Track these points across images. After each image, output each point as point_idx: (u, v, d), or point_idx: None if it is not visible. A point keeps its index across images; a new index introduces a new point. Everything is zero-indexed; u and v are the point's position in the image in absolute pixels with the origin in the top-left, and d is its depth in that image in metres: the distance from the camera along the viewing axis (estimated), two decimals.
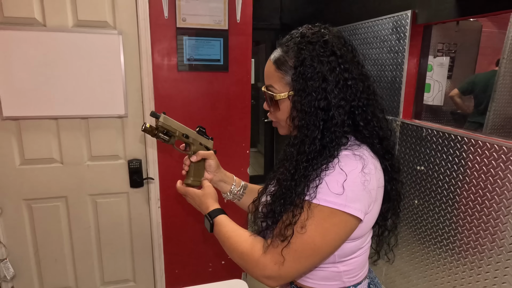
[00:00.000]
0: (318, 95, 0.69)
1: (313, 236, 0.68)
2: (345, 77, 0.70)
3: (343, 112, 0.70)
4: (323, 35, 0.72)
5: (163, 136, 0.92)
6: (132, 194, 1.85)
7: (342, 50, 0.71)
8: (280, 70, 0.75)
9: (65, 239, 1.82)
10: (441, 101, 3.39)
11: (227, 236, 0.81)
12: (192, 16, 1.73)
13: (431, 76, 3.36)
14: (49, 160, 1.71)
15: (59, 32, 1.59)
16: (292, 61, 0.72)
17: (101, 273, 1.92)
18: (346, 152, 0.70)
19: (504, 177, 1.32)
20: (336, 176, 0.67)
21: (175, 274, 2.02)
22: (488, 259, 1.41)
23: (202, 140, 0.98)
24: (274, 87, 0.76)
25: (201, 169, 0.98)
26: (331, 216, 0.67)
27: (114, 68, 1.68)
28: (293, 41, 0.74)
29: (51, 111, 1.65)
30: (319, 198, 0.67)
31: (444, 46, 3.49)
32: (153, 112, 0.89)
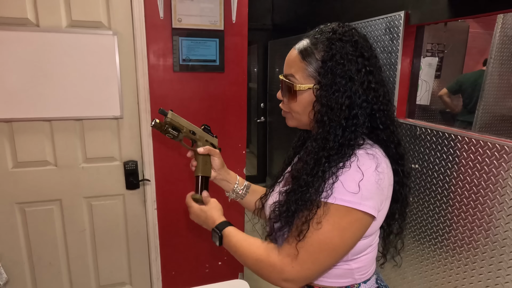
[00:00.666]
0: (345, 93, 0.70)
1: (331, 235, 0.68)
2: (369, 79, 0.71)
3: (365, 113, 0.72)
4: (353, 35, 0.73)
5: (172, 132, 0.93)
6: (128, 196, 1.83)
7: (369, 53, 0.73)
8: (304, 60, 0.74)
9: (59, 242, 1.79)
10: (427, 100, 3.45)
11: (238, 245, 0.80)
12: (187, 16, 1.72)
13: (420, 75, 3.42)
14: (42, 162, 1.68)
15: (53, 33, 1.56)
16: (321, 54, 0.72)
17: (97, 276, 1.90)
18: (360, 151, 0.72)
19: (498, 174, 1.35)
20: (352, 174, 0.68)
21: (171, 276, 2.01)
22: (482, 254, 1.44)
23: (208, 137, 1.00)
24: (295, 77, 0.76)
25: (208, 164, 0.99)
26: (348, 215, 0.68)
27: (109, 69, 1.66)
28: (324, 35, 0.74)
29: (45, 113, 1.62)
30: (336, 197, 0.68)
31: (432, 46, 3.55)
32: (161, 109, 0.92)
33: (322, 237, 0.68)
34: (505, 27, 2.78)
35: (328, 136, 0.71)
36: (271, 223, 0.80)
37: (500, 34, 2.81)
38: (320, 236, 0.68)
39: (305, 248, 0.69)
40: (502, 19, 2.75)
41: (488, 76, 2.88)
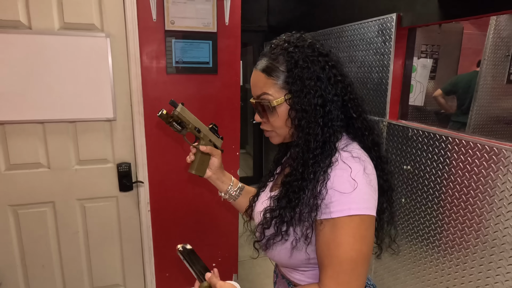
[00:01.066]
0: (316, 93, 0.72)
1: (358, 247, 0.67)
2: (334, 73, 0.74)
3: (337, 106, 0.74)
4: (305, 39, 0.76)
5: (176, 126, 0.93)
6: (121, 198, 1.83)
7: (325, 50, 0.76)
8: (271, 76, 0.76)
9: (52, 244, 1.79)
10: (422, 101, 3.47)
11: None
12: (180, 19, 1.73)
13: (414, 77, 3.44)
14: (35, 165, 1.68)
15: (45, 35, 1.56)
16: (284, 66, 0.74)
17: (90, 278, 1.90)
18: (345, 154, 0.73)
19: (487, 175, 1.36)
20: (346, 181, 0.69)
21: (165, 278, 2.01)
22: (473, 254, 1.45)
23: (212, 137, 0.99)
24: (269, 94, 0.76)
25: (206, 163, 0.98)
26: (362, 222, 0.68)
27: (102, 71, 1.66)
28: (279, 47, 0.76)
29: (38, 115, 1.62)
30: (342, 208, 0.68)
31: (427, 47, 3.57)
32: (173, 100, 0.91)
33: (350, 253, 0.67)
34: (498, 29, 2.81)
35: (309, 137, 0.72)
36: (261, 228, 0.80)
37: (493, 36, 2.83)
38: (348, 253, 0.67)
39: (343, 272, 0.67)
40: (495, 21, 2.77)
41: (482, 77, 2.90)
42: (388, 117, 1.92)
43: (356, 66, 2.15)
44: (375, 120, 2.01)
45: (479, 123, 2.99)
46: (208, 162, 0.99)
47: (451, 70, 3.72)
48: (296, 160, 0.74)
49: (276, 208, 0.76)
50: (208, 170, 1.00)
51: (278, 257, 0.81)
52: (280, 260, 0.82)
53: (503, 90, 2.98)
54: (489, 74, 2.92)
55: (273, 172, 0.95)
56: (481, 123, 2.99)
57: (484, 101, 2.97)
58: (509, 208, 1.28)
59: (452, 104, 3.55)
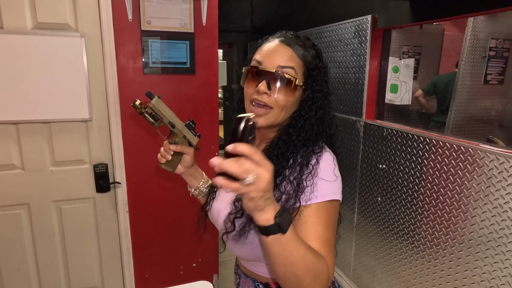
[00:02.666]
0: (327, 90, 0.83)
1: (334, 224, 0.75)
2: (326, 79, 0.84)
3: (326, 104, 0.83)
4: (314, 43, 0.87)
5: (148, 117, 0.92)
6: (98, 199, 1.82)
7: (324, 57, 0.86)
8: (301, 59, 0.80)
9: (28, 247, 1.76)
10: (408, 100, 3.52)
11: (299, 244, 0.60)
12: (157, 19, 1.72)
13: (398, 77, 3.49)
14: (9, 166, 1.66)
15: (18, 35, 1.54)
16: (313, 58, 0.82)
17: (68, 281, 1.88)
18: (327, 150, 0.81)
19: (455, 173, 1.40)
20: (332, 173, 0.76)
21: (145, 279, 2.00)
22: (443, 251, 1.49)
23: (187, 133, 0.96)
24: (295, 71, 0.78)
25: (177, 159, 0.97)
26: (337, 204, 0.76)
27: (77, 71, 1.64)
28: (310, 41, 0.84)
29: (11, 116, 1.60)
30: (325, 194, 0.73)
31: (409, 48, 3.63)
32: (149, 92, 0.90)
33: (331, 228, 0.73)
34: (476, 30, 2.87)
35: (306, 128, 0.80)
36: (232, 219, 0.79)
37: (470, 37, 2.90)
38: (330, 228, 0.73)
39: (325, 246, 0.69)
40: (473, 22, 2.84)
41: (460, 78, 2.97)
42: (365, 117, 1.95)
43: (334, 66, 2.18)
44: (351, 120, 2.04)
45: (458, 122, 3.05)
46: (180, 158, 0.98)
47: (432, 70, 3.78)
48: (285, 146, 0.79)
49: None
50: (180, 166, 0.99)
51: (250, 248, 0.80)
52: (251, 251, 0.81)
53: (480, 90, 3.05)
54: (467, 74, 2.99)
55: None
56: (460, 123, 3.06)
57: (462, 101, 3.04)
58: (484, 209, 1.31)
59: (433, 104, 3.62)
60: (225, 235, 0.82)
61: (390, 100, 3.43)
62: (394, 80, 3.51)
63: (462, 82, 2.91)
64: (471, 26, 2.81)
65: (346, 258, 2.21)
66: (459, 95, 2.93)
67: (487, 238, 1.29)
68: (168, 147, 0.93)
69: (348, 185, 2.15)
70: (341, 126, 2.18)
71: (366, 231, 1.99)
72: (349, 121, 2.08)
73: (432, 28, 3.62)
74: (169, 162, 0.96)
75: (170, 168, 0.97)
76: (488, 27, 2.87)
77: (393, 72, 3.55)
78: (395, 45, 3.54)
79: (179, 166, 0.98)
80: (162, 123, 0.93)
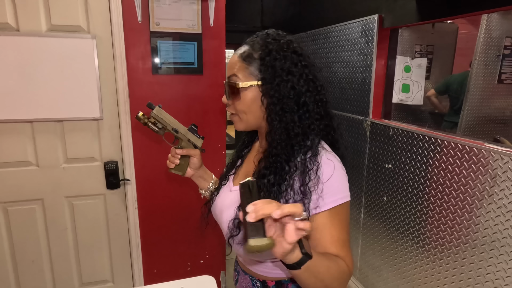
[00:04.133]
0: (288, 83, 0.76)
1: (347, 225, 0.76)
2: (306, 72, 0.78)
3: (311, 100, 0.78)
4: (285, 36, 0.81)
5: (152, 126, 0.98)
6: (108, 195, 1.88)
7: (301, 51, 0.79)
8: (244, 61, 0.79)
9: (42, 241, 1.84)
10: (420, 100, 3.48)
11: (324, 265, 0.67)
12: (165, 20, 1.77)
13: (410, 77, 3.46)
14: (24, 163, 1.73)
15: (33, 37, 1.61)
16: (258, 53, 0.78)
17: (79, 274, 1.94)
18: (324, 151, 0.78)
19: (460, 173, 1.39)
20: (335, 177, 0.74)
21: (153, 274, 2.05)
22: (447, 251, 1.48)
23: (191, 137, 1.01)
24: (237, 76, 0.80)
25: (185, 163, 1.01)
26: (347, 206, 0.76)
27: (89, 72, 1.70)
28: (259, 37, 0.81)
29: (26, 115, 1.67)
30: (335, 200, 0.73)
31: (421, 47, 3.58)
32: (150, 103, 0.96)
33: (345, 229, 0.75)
34: (490, 28, 2.82)
35: (288, 126, 0.76)
36: (235, 223, 0.82)
37: (484, 36, 2.85)
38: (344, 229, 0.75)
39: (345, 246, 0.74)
40: (486, 21, 2.79)
41: (473, 77, 2.92)
42: (371, 116, 1.95)
43: (342, 66, 2.18)
44: (358, 119, 2.04)
45: (471, 122, 3.00)
46: (188, 161, 1.02)
47: (445, 70, 3.73)
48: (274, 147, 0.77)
49: None
50: (189, 169, 1.03)
51: None
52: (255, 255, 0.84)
53: (494, 90, 2.99)
54: (480, 74, 2.93)
55: (235, 165, 0.98)
56: (473, 123, 3.00)
57: (475, 101, 2.99)
58: (488, 209, 1.30)
59: (445, 104, 3.57)
60: (230, 238, 0.84)
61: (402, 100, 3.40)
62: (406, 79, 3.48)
63: (475, 82, 2.86)
64: (485, 24, 2.76)
65: (353, 257, 2.21)
66: (472, 95, 2.89)
67: (491, 238, 1.28)
68: (175, 152, 0.98)
69: (354, 185, 2.15)
70: (348, 126, 2.18)
71: (372, 230, 1.99)
72: (356, 121, 2.08)
73: (445, 27, 3.56)
74: (178, 166, 1.00)
75: (179, 172, 1.02)
76: (503, 25, 2.81)
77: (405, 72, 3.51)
78: (407, 44, 3.50)
79: (188, 169, 1.03)
80: (166, 130, 0.98)
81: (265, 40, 0.79)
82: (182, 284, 1.26)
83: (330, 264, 0.67)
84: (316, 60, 2.47)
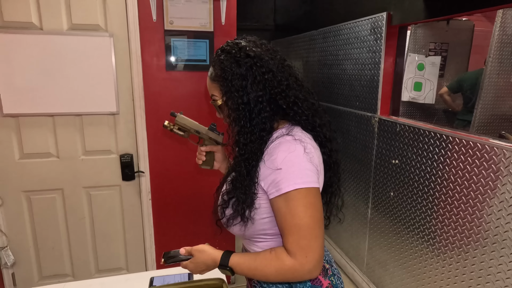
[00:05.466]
0: (239, 92, 0.82)
1: (310, 213, 0.77)
2: (262, 71, 0.82)
3: (263, 100, 0.83)
4: (238, 43, 0.86)
5: (177, 132, 1.11)
6: (124, 187, 1.97)
7: (256, 51, 0.83)
8: (214, 81, 0.88)
9: (61, 228, 1.94)
10: (432, 99, 3.45)
11: (252, 269, 0.83)
12: (179, 19, 1.84)
13: (423, 75, 3.44)
14: (46, 154, 1.83)
15: (55, 35, 1.71)
16: (216, 72, 0.87)
17: (96, 261, 2.05)
18: (288, 137, 0.82)
19: (464, 168, 1.41)
20: (291, 160, 0.78)
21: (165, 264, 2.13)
22: (451, 245, 1.50)
23: (212, 135, 1.12)
24: (215, 95, 0.89)
25: (211, 158, 1.14)
26: (309, 193, 0.77)
27: (106, 68, 1.79)
28: (216, 55, 0.89)
29: (48, 109, 1.77)
30: (289, 184, 0.77)
31: (435, 45, 3.55)
32: (173, 112, 1.10)
33: (305, 220, 0.76)
34: (504, 26, 2.78)
35: (240, 129, 0.83)
36: (221, 209, 0.91)
37: (499, 33, 2.81)
38: (303, 220, 0.76)
39: (302, 237, 0.76)
40: (501, 17, 2.75)
41: (487, 75, 2.89)
42: (380, 113, 1.97)
43: (351, 63, 2.21)
44: (367, 116, 2.06)
45: (484, 121, 2.97)
46: (214, 156, 1.14)
47: (460, 67, 3.68)
48: (237, 150, 0.85)
49: (231, 190, 0.86)
50: (215, 163, 1.15)
51: (237, 230, 0.91)
52: (238, 232, 0.92)
53: (509, 87, 2.94)
54: (494, 71, 2.90)
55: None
56: (486, 121, 2.97)
57: (489, 99, 2.95)
58: (490, 203, 1.31)
59: (458, 102, 3.53)
60: (219, 221, 0.95)
61: (414, 98, 3.39)
62: (419, 77, 3.46)
63: (489, 79, 2.82)
64: (500, 21, 2.72)
65: (360, 252, 2.24)
66: (486, 93, 2.85)
67: (495, 234, 1.30)
68: (200, 150, 1.11)
69: (362, 180, 2.18)
70: (356, 122, 2.21)
71: (379, 225, 2.02)
72: (364, 117, 2.10)
73: (460, 24, 3.52)
74: (205, 162, 1.14)
75: (207, 166, 1.15)
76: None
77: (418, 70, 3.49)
78: (421, 42, 3.48)
79: (214, 163, 1.15)
80: (190, 133, 1.11)
81: (219, 57, 0.86)
82: None
83: (257, 264, 0.82)
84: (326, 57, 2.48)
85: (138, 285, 1.15)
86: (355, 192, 2.28)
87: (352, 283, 2.33)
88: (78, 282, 1.26)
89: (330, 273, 0.93)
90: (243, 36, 0.90)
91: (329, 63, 2.53)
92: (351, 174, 2.31)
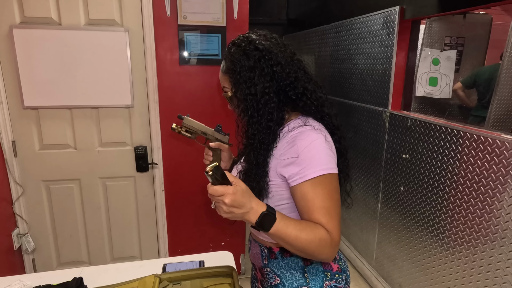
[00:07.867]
0: (247, 83, 0.85)
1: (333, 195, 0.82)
2: (270, 64, 0.85)
3: (270, 91, 0.85)
4: (248, 37, 0.89)
5: (185, 133, 1.16)
6: (138, 178, 2.03)
7: (265, 45, 0.86)
8: (225, 74, 0.92)
9: (78, 217, 2.02)
10: (449, 94, 3.40)
11: (298, 229, 0.78)
12: (192, 14, 1.87)
13: (438, 69, 3.39)
14: (64, 145, 1.90)
15: (73, 30, 1.77)
16: (227, 65, 0.90)
17: (111, 249, 2.12)
18: (308, 127, 0.85)
19: (474, 163, 1.40)
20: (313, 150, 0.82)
21: (178, 253, 2.19)
22: (460, 239, 1.50)
23: (218, 136, 1.18)
24: (226, 87, 0.93)
25: (218, 157, 1.18)
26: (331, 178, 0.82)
27: (121, 63, 1.84)
28: (228, 49, 0.92)
29: (66, 102, 1.84)
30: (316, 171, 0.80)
31: (451, 39, 3.49)
32: (179, 115, 1.15)
33: (333, 202, 0.82)
34: None
35: (249, 120, 0.86)
36: None
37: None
38: (332, 202, 0.81)
39: (332, 217, 0.81)
40: None
41: (504, 70, 2.83)
42: (391, 107, 1.97)
43: (363, 58, 2.21)
44: (378, 110, 2.06)
45: (500, 117, 2.91)
46: (220, 156, 1.18)
47: (477, 62, 3.61)
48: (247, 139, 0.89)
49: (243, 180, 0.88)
50: (222, 162, 1.19)
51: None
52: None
53: None
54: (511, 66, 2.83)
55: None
56: (502, 117, 2.91)
57: (505, 95, 2.89)
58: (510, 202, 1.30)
59: (473, 98, 3.46)
60: None
61: (429, 94, 3.34)
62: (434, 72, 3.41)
63: (506, 75, 2.77)
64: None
65: (369, 246, 2.25)
66: (502, 88, 2.79)
67: (506, 229, 1.30)
68: (207, 150, 1.16)
69: (373, 175, 2.18)
70: (367, 117, 2.21)
71: (389, 220, 2.02)
72: (375, 112, 2.10)
73: (477, 18, 3.44)
74: (212, 161, 1.17)
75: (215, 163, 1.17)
76: None
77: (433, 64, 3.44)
78: (436, 36, 3.42)
79: (221, 162, 1.19)
80: (197, 134, 1.16)
81: (230, 50, 0.89)
82: (202, 258, 1.36)
83: (299, 234, 0.77)
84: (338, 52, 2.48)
85: (152, 271, 1.19)
86: (365, 186, 2.28)
87: (361, 277, 2.35)
88: (94, 267, 1.31)
89: (338, 258, 0.97)
90: (254, 30, 0.93)
91: (341, 58, 2.53)
92: (362, 169, 2.32)
